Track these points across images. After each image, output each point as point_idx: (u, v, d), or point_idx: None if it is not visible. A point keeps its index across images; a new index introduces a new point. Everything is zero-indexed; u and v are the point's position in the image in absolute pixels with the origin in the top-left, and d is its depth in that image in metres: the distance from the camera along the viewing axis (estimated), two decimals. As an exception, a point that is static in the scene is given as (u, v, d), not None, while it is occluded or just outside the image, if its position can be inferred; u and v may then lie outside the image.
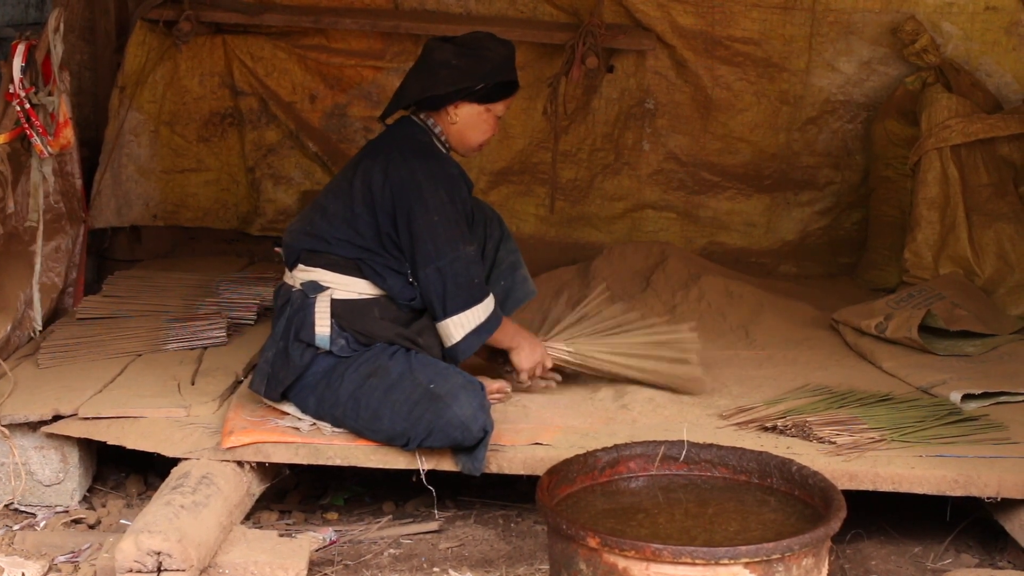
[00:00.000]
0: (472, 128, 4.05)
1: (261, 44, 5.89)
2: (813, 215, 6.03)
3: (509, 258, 4.27)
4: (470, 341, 3.98)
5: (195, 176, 5.96)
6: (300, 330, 3.91)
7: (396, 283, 3.96)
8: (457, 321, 3.95)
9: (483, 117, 4.04)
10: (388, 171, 3.94)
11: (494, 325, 4.02)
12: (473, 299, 3.95)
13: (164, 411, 4.06)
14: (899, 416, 4.07)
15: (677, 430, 3.58)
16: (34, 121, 4.37)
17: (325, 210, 4.00)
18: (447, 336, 3.97)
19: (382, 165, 3.95)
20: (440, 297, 3.92)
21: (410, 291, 3.97)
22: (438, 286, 3.91)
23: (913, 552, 3.89)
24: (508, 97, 4.07)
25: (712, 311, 5.11)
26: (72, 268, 5.16)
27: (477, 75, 3.98)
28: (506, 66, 4.05)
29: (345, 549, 3.86)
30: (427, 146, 4.02)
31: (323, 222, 3.98)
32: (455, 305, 3.93)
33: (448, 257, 3.90)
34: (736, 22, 5.81)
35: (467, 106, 4.02)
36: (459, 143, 4.08)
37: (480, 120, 4.04)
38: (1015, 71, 5.77)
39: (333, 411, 3.88)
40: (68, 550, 3.77)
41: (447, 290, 3.91)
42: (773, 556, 2.90)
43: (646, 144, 5.98)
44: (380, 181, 3.93)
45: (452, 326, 3.95)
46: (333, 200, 4.01)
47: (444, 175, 3.98)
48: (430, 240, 3.90)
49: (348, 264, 3.95)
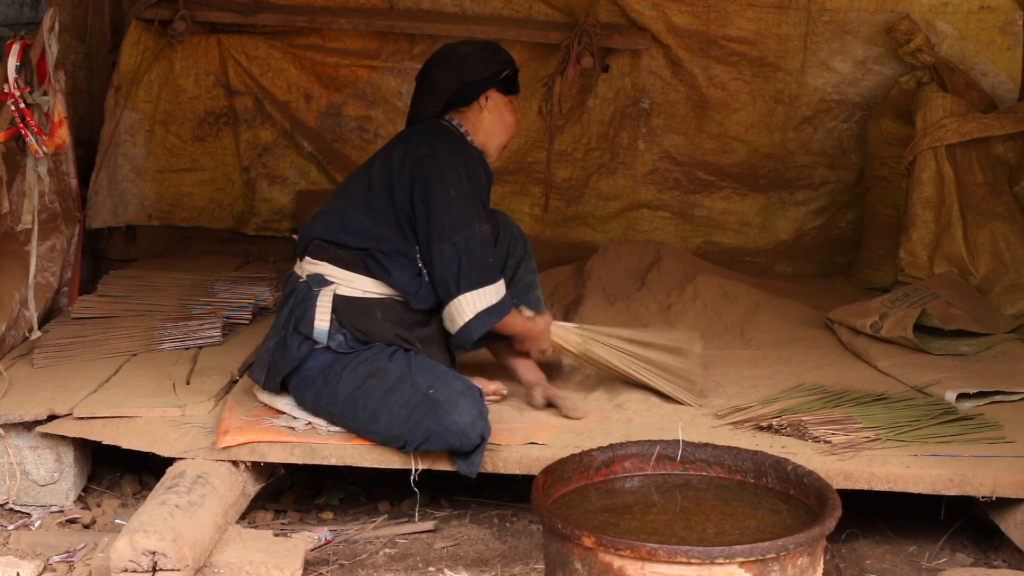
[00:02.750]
0: (500, 121, 4.09)
1: (256, 43, 5.89)
2: (808, 214, 6.03)
3: (527, 278, 4.27)
4: (481, 321, 3.93)
5: (190, 176, 5.96)
6: (300, 322, 3.90)
7: (403, 275, 3.94)
8: (470, 299, 3.90)
9: (508, 109, 4.11)
10: (408, 148, 3.98)
11: (505, 309, 3.98)
12: (486, 278, 3.92)
13: (159, 411, 4.06)
14: (894, 415, 4.07)
15: (672, 429, 3.58)
16: (29, 121, 4.36)
17: (344, 192, 4.04)
18: (459, 314, 3.92)
19: (403, 144, 4.01)
20: (454, 273, 3.89)
21: (416, 283, 3.95)
22: (452, 262, 3.88)
23: (908, 551, 3.90)
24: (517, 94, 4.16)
25: (707, 311, 5.11)
26: (67, 268, 5.15)
27: (502, 60, 4.09)
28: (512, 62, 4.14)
29: (340, 549, 3.86)
30: (452, 134, 4.04)
31: (342, 203, 4.00)
32: (468, 282, 3.89)
33: (463, 233, 3.89)
34: (731, 21, 5.81)
35: (496, 96, 4.07)
36: (487, 139, 4.09)
37: (506, 112, 4.10)
38: (1010, 70, 5.78)
39: (330, 409, 3.88)
40: (63, 550, 3.77)
41: (461, 266, 3.88)
42: (768, 555, 2.90)
43: (641, 143, 5.99)
44: (400, 156, 3.96)
45: (465, 303, 3.91)
46: (353, 183, 4.06)
47: (464, 154, 3.99)
48: (446, 214, 3.88)
49: (355, 260, 3.94)
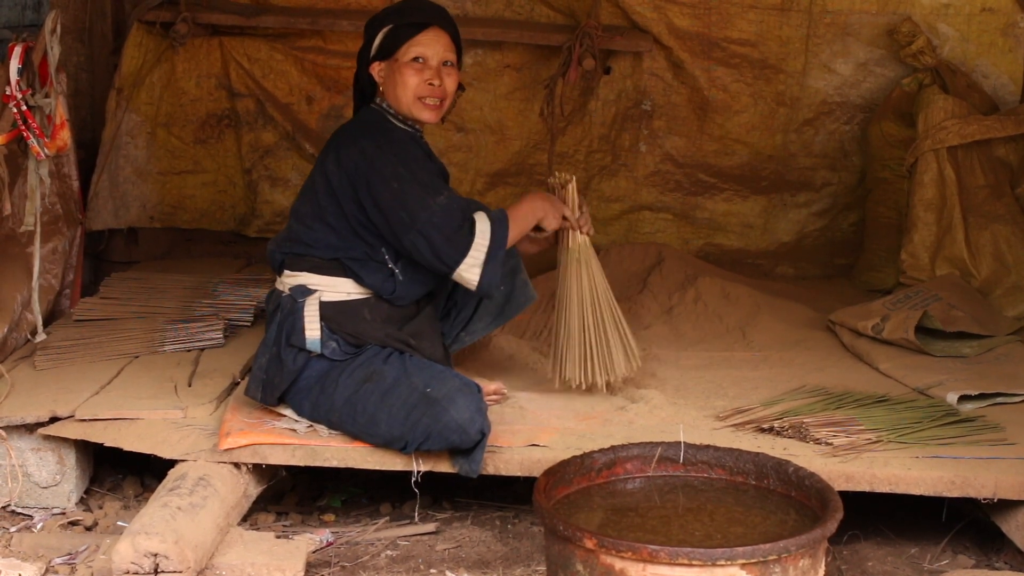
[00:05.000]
0: (397, 86, 3.96)
1: (258, 46, 5.89)
2: (810, 216, 6.03)
3: (510, 262, 4.21)
4: (490, 271, 3.87)
5: (192, 178, 5.97)
6: (291, 335, 3.90)
7: (376, 279, 3.94)
8: (465, 266, 3.86)
9: (396, 70, 3.96)
10: (339, 157, 3.92)
11: (503, 238, 3.90)
12: (465, 242, 3.86)
13: (161, 413, 4.06)
14: (896, 417, 4.07)
15: (674, 431, 3.57)
16: (31, 123, 4.37)
17: (297, 213, 4.01)
18: (467, 283, 3.88)
19: (333, 154, 3.95)
20: (436, 255, 3.85)
21: (391, 284, 3.94)
22: (426, 248, 3.84)
23: (910, 553, 3.89)
24: (409, 40, 3.95)
25: (709, 312, 5.12)
26: (69, 270, 5.16)
27: (368, 37, 4.03)
28: (393, 14, 3.99)
29: (342, 551, 3.86)
30: (374, 123, 4.00)
31: (298, 225, 3.98)
32: (451, 257, 3.85)
33: (422, 218, 3.83)
34: (733, 24, 5.81)
35: (381, 66, 3.99)
36: (400, 107, 3.99)
37: (396, 76, 3.96)
38: (1011, 72, 5.78)
39: (329, 416, 3.88)
40: (65, 552, 3.77)
41: (437, 246, 3.84)
42: (770, 557, 2.90)
43: (643, 145, 5.99)
44: (334, 169, 3.92)
45: (464, 271, 3.86)
46: (303, 202, 4.02)
47: (389, 142, 3.93)
48: (400, 208, 3.84)
49: (331, 265, 3.95)
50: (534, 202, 4.08)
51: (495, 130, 5.99)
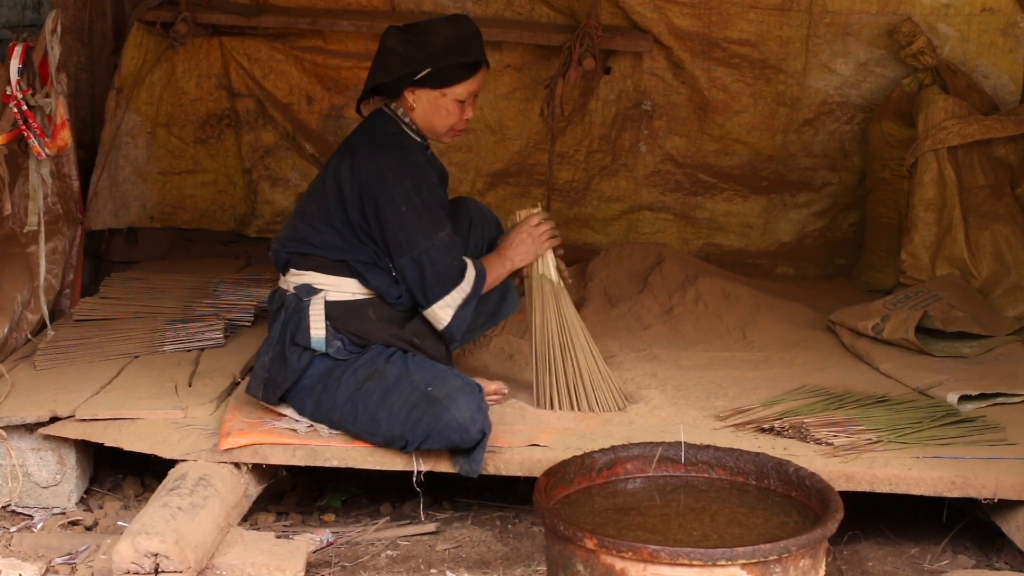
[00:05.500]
0: (433, 114, 3.98)
1: (258, 46, 5.89)
2: (810, 217, 6.03)
3: None
4: (461, 317, 3.95)
5: (192, 178, 5.96)
6: (296, 334, 3.90)
7: (381, 282, 3.95)
8: (442, 304, 3.93)
9: (441, 102, 3.97)
10: (355, 166, 3.92)
11: (479, 289, 3.98)
12: (453, 282, 3.92)
13: (161, 413, 4.06)
14: (896, 417, 4.07)
15: (674, 431, 3.57)
16: (31, 123, 4.37)
17: (304, 213, 4.01)
18: (437, 321, 3.96)
19: (349, 161, 3.95)
20: (419, 286, 3.90)
21: (396, 289, 3.96)
22: (415, 275, 3.89)
23: (910, 553, 3.90)
24: (466, 80, 3.96)
25: (709, 312, 5.12)
26: (69, 270, 5.16)
27: (417, 61, 3.92)
28: (454, 49, 3.94)
29: (342, 551, 3.86)
30: (394, 136, 3.99)
31: (304, 226, 3.98)
32: (435, 293, 3.91)
33: (421, 247, 3.88)
34: (733, 24, 5.81)
35: (423, 92, 3.96)
36: (426, 129, 4.02)
37: (439, 106, 3.97)
38: (1012, 72, 5.78)
39: (330, 415, 3.89)
40: (65, 552, 3.77)
41: (425, 279, 3.89)
42: (770, 557, 2.90)
43: (643, 146, 5.99)
44: (348, 176, 3.92)
45: (438, 310, 3.94)
46: (311, 202, 4.02)
47: (408, 164, 3.94)
48: (400, 231, 3.88)
49: (337, 265, 3.95)
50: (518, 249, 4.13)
51: (495, 130, 5.99)
